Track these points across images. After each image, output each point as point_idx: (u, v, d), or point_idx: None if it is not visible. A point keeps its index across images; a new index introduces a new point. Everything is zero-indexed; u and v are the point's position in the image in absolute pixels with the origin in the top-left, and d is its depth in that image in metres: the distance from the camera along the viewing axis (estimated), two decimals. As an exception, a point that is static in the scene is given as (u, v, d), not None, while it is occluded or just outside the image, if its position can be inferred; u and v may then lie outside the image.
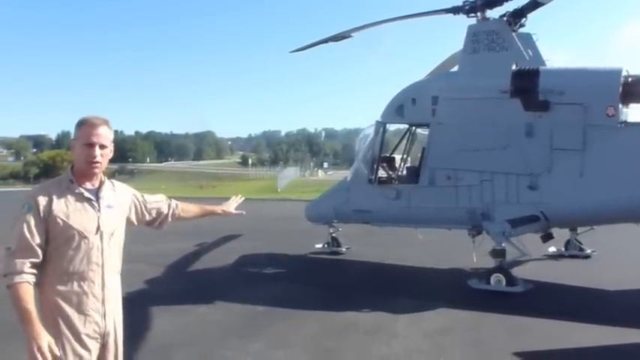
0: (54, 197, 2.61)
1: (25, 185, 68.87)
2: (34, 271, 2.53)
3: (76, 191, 2.68)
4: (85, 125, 2.69)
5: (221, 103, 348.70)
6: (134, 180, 69.98)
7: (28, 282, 2.49)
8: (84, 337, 2.65)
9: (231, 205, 3.58)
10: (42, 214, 2.56)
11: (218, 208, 3.56)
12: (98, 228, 2.69)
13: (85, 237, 2.64)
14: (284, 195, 35.38)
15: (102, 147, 2.69)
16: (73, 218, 2.62)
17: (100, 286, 2.70)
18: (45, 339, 2.42)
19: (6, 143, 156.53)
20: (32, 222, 2.54)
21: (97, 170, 2.72)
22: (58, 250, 2.60)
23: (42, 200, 2.58)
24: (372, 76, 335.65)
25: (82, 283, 2.65)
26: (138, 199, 3.08)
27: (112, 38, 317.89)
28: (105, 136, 2.71)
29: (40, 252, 2.55)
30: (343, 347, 5.73)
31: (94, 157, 2.67)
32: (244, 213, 3.64)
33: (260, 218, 17.89)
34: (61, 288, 2.61)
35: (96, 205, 2.72)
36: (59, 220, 2.58)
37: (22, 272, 2.48)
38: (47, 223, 2.57)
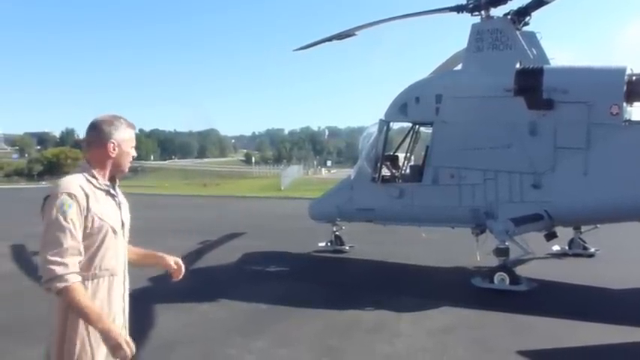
0: (89, 194, 2.58)
1: (29, 182, 68.85)
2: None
3: (102, 188, 2.68)
4: (132, 129, 2.79)
5: (225, 101, 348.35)
6: (138, 178, 70.13)
7: (81, 281, 2.47)
8: None
9: (171, 262, 3.09)
10: (82, 212, 2.53)
11: (161, 256, 3.14)
12: (123, 223, 2.75)
13: (116, 232, 2.67)
14: (287, 193, 35.34)
15: None
16: (106, 214, 2.63)
17: (122, 281, 2.74)
18: (120, 332, 2.51)
19: (10, 140, 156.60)
20: (76, 220, 2.49)
21: None
22: (92, 246, 2.57)
23: (81, 198, 2.53)
24: (376, 75, 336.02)
25: (111, 279, 2.66)
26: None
27: (116, 36, 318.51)
28: None
29: (83, 251, 2.52)
30: (346, 346, 5.75)
31: (135, 157, 2.86)
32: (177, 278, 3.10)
33: (263, 216, 17.94)
34: (92, 284, 2.60)
35: (117, 199, 2.76)
36: (96, 218, 2.57)
37: (75, 272, 2.44)
38: (86, 220, 2.54)
